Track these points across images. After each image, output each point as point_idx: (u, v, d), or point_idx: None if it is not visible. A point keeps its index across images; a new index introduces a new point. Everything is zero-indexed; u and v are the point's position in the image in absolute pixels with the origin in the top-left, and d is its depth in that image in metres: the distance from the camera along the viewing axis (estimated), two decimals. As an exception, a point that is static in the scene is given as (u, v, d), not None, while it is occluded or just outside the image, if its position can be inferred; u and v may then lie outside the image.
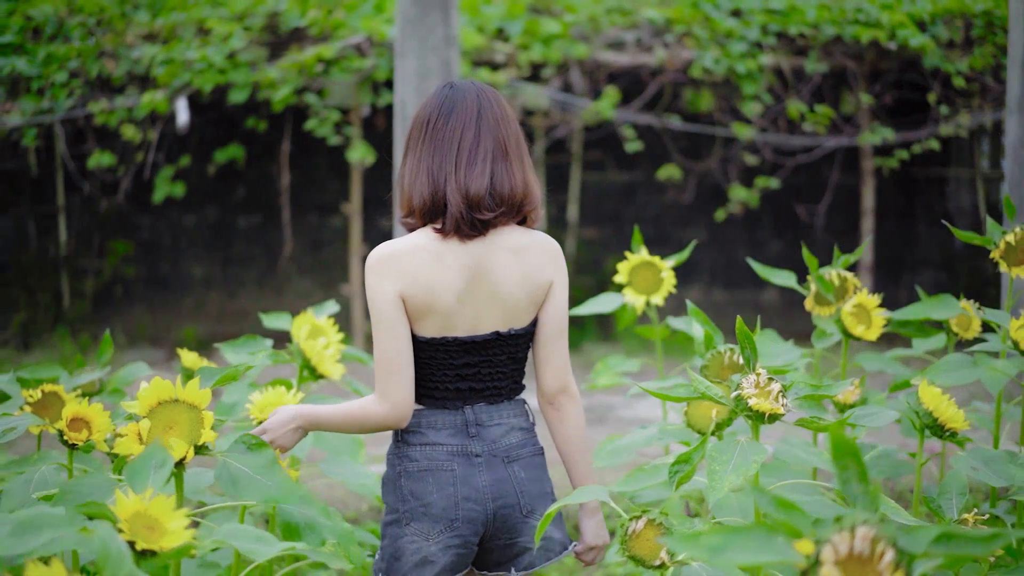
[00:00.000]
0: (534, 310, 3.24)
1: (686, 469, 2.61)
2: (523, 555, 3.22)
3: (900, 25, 10.53)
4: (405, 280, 3.10)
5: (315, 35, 10.36)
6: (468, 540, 3.14)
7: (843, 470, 1.84)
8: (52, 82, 10.31)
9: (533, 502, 3.20)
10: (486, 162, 3.14)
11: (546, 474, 3.30)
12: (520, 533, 3.19)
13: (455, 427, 3.18)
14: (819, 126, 10.80)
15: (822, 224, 11.83)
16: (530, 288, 3.19)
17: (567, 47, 10.53)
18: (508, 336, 3.20)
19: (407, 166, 3.20)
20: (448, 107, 3.20)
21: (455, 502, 3.12)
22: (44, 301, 11.66)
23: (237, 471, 2.39)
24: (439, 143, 3.16)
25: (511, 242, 3.19)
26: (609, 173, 12.32)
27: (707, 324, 3.64)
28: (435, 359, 3.17)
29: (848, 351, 4.18)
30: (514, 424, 3.25)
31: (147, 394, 2.46)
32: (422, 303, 3.10)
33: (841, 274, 4.28)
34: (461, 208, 3.10)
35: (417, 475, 3.14)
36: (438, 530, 3.11)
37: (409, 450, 3.18)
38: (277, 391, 3.68)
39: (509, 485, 3.17)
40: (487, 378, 3.21)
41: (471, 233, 3.12)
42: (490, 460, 3.17)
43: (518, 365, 3.28)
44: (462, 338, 3.15)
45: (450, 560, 3.13)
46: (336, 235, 12.10)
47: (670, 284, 4.46)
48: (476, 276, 3.14)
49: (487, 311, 3.16)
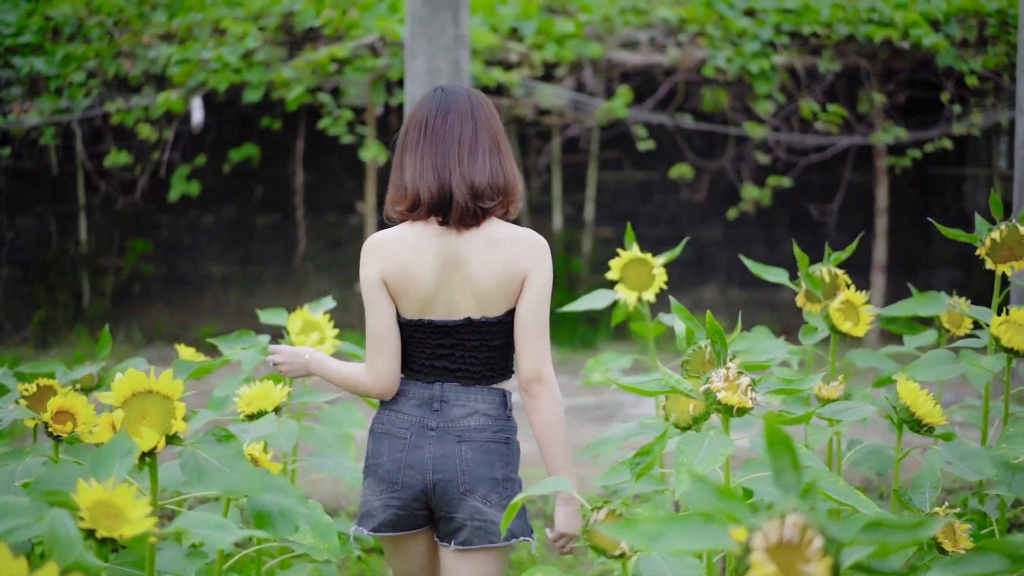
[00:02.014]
0: (509, 301, 3.39)
1: (646, 461, 2.65)
2: (460, 531, 3.38)
3: (913, 24, 10.50)
4: (386, 265, 3.36)
5: (329, 35, 10.42)
6: (408, 504, 3.39)
7: (776, 459, 1.87)
8: (70, 82, 10.39)
9: (474, 482, 3.35)
10: (485, 155, 3.39)
11: (502, 460, 3.42)
12: (456, 509, 3.36)
13: (422, 400, 3.42)
14: (832, 125, 10.80)
15: (835, 223, 11.82)
16: (502, 279, 3.36)
17: (581, 47, 10.56)
18: (480, 323, 3.38)
19: (408, 164, 3.40)
20: (444, 107, 3.43)
21: (399, 467, 3.38)
22: (64, 299, 11.76)
23: (203, 461, 2.44)
24: (440, 140, 3.38)
25: (489, 234, 3.38)
26: (626, 172, 12.33)
27: (689, 320, 3.67)
28: (414, 338, 3.42)
29: (843, 348, 4.20)
30: (480, 409, 3.42)
31: (121, 385, 2.51)
32: (401, 287, 3.36)
33: (832, 271, 4.29)
34: (467, 199, 3.32)
35: (378, 436, 3.44)
36: (381, 488, 3.39)
37: (381, 414, 3.48)
38: (266, 385, 3.73)
39: (452, 462, 3.36)
40: (460, 360, 3.42)
41: (472, 222, 3.35)
42: (442, 436, 3.38)
43: (494, 353, 3.44)
44: (437, 321, 3.38)
45: (388, 517, 3.40)
46: (353, 233, 12.14)
47: (661, 280, 4.49)
48: (451, 265, 3.35)
49: (461, 298, 3.37)
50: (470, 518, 3.36)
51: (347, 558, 5.44)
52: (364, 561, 5.58)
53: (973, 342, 3.94)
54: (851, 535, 1.78)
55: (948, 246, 12.26)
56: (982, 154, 11.94)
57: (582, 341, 11.24)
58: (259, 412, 3.64)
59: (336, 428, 4.01)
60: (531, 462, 4.43)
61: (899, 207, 11.81)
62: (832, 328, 4.10)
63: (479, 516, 3.36)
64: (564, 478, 2.68)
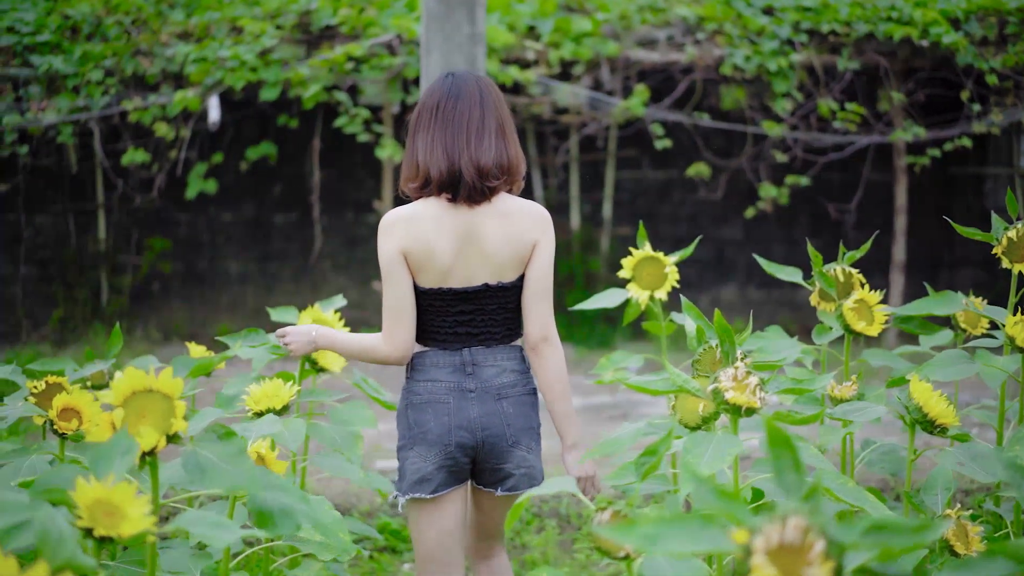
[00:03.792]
0: (520, 267, 3.73)
1: (651, 461, 2.61)
2: (508, 479, 3.75)
3: (933, 22, 10.44)
4: (406, 240, 3.65)
5: (346, 33, 10.40)
6: (459, 461, 3.70)
7: (777, 459, 1.84)
8: (88, 80, 10.39)
9: (518, 434, 3.73)
10: (491, 138, 3.69)
11: (534, 411, 3.83)
12: (505, 460, 3.73)
13: (454, 366, 3.72)
14: (850, 124, 10.73)
15: (854, 222, 11.76)
16: (515, 247, 3.70)
17: (598, 45, 10.52)
18: (497, 288, 3.71)
19: (420, 144, 3.71)
20: (455, 92, 3.73)
21: (449, 429, 3.68)
22: (82, 297, 11.77)
23: (204, 459, 2.41)
24: (450, 123, 3.69)
25: (500, 208, 3.71)
26: (644, 171, 12.29)
27: (700, 318, 3.64)
28: (434, 307, 3.71)
29: (858, 348, 4.16)
30: (507, 366, 3.77)
31: (121, 384, 2.48)
32: (421, 259, 3.65)
33: (846, 270, 4.24)
34: (474, 177, 3.63)
35: (420, 406, 3.72)
36: (434, 453, 3.67)
37: (415, 385, 3.75)
38: (275, 383, 3.72)
39: (498, 418, 3.71)
40: (481, 324, 3.73)
41: (480, 199, 3.66)
42: (482, 396, 3.71)
43: (510, 314, 3.78)
44: (456, 288, 3.69)
45: (443, 477, 3.69)
46: (371, 232, 12.10)
47: (674, 279, 4.44)
48: (467, 236, 3.66)
49: (478, 266, 3.68)
50: (517, 467, 3.74)
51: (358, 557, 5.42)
52: (376, 560, 5.56)
53: (989, 342, 3.90)
54: (854, 538, 1.74)
55: (970, 246, 12.18)
56: (1003, 153, 11.86)
57: (599, 341, 11.20)
58: (267, 410, 3.64)
59: (345, 427, 3.98)
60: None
61: (919, 206, 11.73)
62: (846, 327, 4.05)
63: (525, 464, 3.75)
64: (569, 479, 2.66)
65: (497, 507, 3.86)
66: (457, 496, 3.77)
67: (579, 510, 6.05)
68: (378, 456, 7.05)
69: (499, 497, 3.80)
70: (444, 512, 3.75)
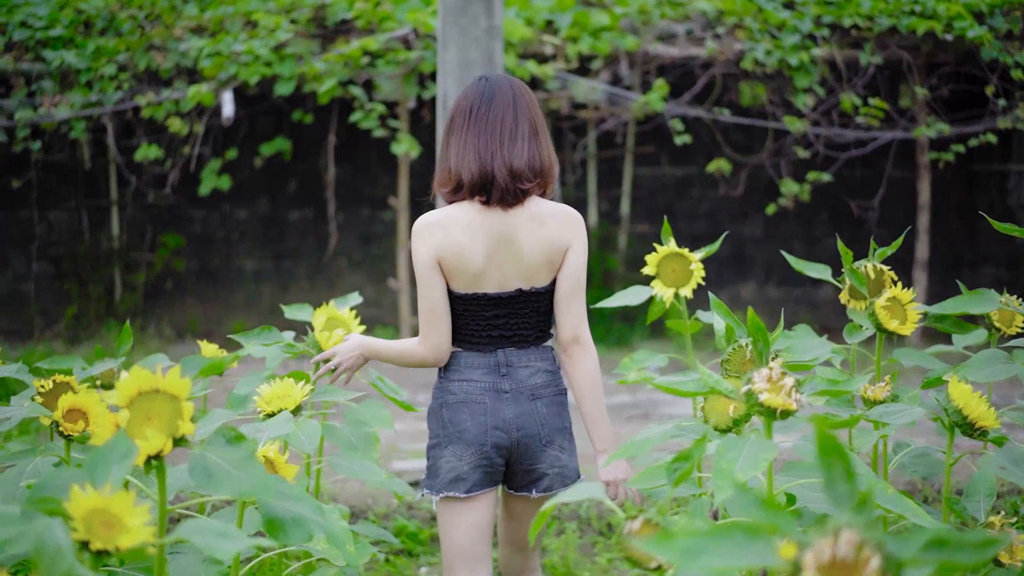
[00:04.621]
0: (553, 271, 3.77)
1: (684, 467, 2.49)
2: (542, 479, 3.80)
3: (957, 16, 10.31)
4: (439, 245, 3.69)
5: (361, 27, 10.30)
6: (494, 461, 3.74)
7: (828, 470, 1.71)
8: (101, 75, 10.31)
9: (552, 434, 3.78)
10: (524, 141, 3.73)
11: (566, 411, 3.87)
12: (539, 460, 3.78)
13: (488, 367, 3.77)
14: (873, 120, 10.58)
15: (876, 219, 11.61)
16: (548, 252, 3.73)
17: (617, 39, 10.40)
18: (530, 293, 3.76)
19: (453, 148, 3.76)
20: (488, 96, 3.77)
21: (485, 429, 3.73)
22: (95, 294, 11.69)
23: (213, 464, 2.29)
24: (483, 127, 3.72)
25: (533, 211, 3.73)
26: (662, 167, 12.17)
27: (729, 316, 3.53)
28: (469, 311, 3.75)
29: (888, 347, 4.02)
30: (540, 367, 3.82)
31: (126, 384, 2.36)
32: (454, 264, 3.69)
33: (877, 267, 4.12)
34: (507, 180, 3.67)
35: (455, 406, 3.76)
36: (470, 452, 3.72)
37: (450, 385, 3.79)
38: (286, 383, 3.60)
39: (532, 418, 3.76)
40: (514, 327, 3.78)
41: (513, 202, 3.69)
42: (517, 396, 3.76)
43: (542, 317, 3.83)
44: (490, 294, 3.73)
45: (479, 477, 3.74)
46: (387, 229, 12.03)
47: (699, 276, 4.32)
48: (501, 241, 3.70)
49: (511, 271, 3.72)
50: (551, 466, 3.79)
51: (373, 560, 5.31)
52: (392, 563, 5.45)
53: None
54: (912, 553, 1.62)
55: (993, 243, 12.05)
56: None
57: (618, 339, 11.08)
58: (279, 411, 3.51)
59: (361, 427, 3.88)
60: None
61: (942, 203, 11.60)
62: (878, 326, 3.92)
63: (558, 463, 3.80)
64: (597, 484, 2.54)
65: (529, 511, 3.89)
66: (489, 497, 3.81)
67: (600, 512, 5.93)
68: (395, 457, 6.94)
69: (534, 500, 3.84)
70: (476, 512, 3.79)
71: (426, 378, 9.56)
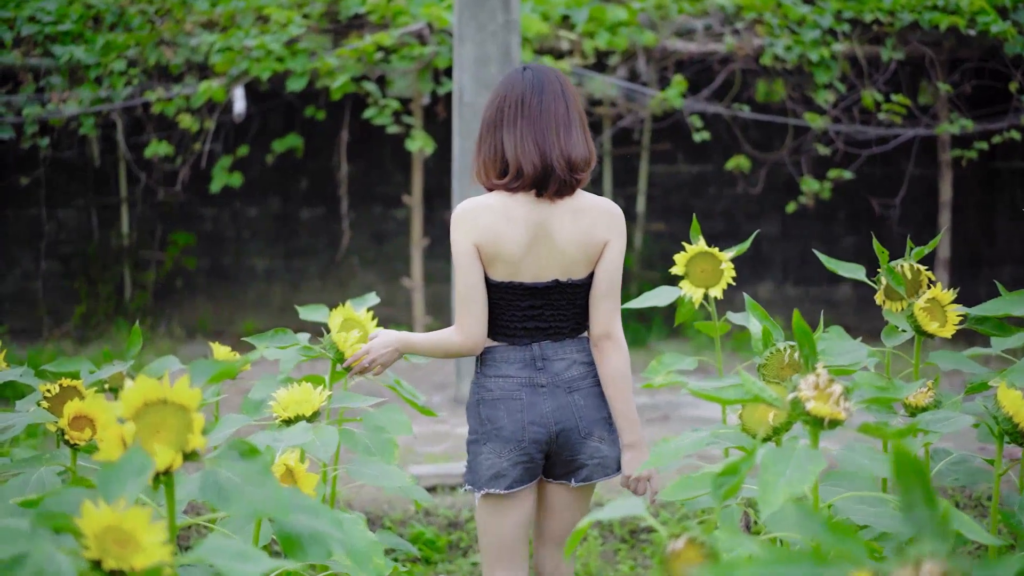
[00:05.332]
0: (590, 265, 3.77)
1: (732, 482, 2.33)
2: (581, 469, 3.80)
3: (980, 11, 10.15)
4: (479, 232, 3.68)
5: (375, 22, 10.16)
6: (534, 456, 3.75)
7: (906, 493, 1.56)
8: (110, 71, 10.18)
9: (590, 426, 3.78)
10: (577, 131, 3.75)
11: (604, 401, 3.83)
12: (579, 452, 3.78)
13: (524, 361, 3.77)
14: (894, 116, 10.41)
15: (897, 217, 11.44)
16: (585, 245, 3.73)
17: (634, 35, 10.25)
18: (567, 284, 3.75)
19: (507, 139, 3.72)
20: (538, 86, 3.75)
21: (523, 426, 3.72)
22: (105, 293, 11.58)
23: (225, 480, 2.14)
24: (538, 118, 3.71)
25: (574, 203, 3.74)
26: (678, 165, 12.03)
27: (765, 319, 3.38)
28: (505, 300, 3.75)
29: (921, 349, 3.87)
30: (576, 359, 3.81)
31: (132, 394, 2.19)
32: (492, 252, 3.69)
33: (914, 267, 3.97)
34: (565, 171, 3.68)
35: (492, 402, 3.76)
36: (508, 449, 3.72)
37: (486, 381, 3.79)
38: (304, 388, 3.45)
39: (569, 411, 3.75)
40: (550, 319, 3.77)
41: (566, 193, 3.71)
42: (553, 390, 3.75)
43: (578, 309, 3.82)
44: (527, 283, 3.73)
45: (519, 473, 3.75)
46: (400, 227, 11.93)
47: (729, 276, 4.18)
48: (538, 231, 3.71)
49: (548, 262, 3.72)
50: (591, 457, 3.78)
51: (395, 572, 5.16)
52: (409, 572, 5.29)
53: (1071, 344, 3.62)
54: (1001, 586, 1.46)
55: (1012, 242, 11.89)
56: (1051, 147, 11.56)
57: (634, 340, 10.90)
58: (296, 417, 3.37)
59: (380, 433, 3.73)
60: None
61: (962, 201, 11.43)
62: (917, 328, 3.77)
63: (598, 454, 3.79)
64: (636, 500, 2.39)
65: (571, 503, 3.88)
66: (530, 492, 3.82)
67: (622, 519, 5.78)
68: (411, 460, 6.79)
69: (574, 490, 3.85)
70: (517, 507, 3.81)
71: (443, 378, 9.42)
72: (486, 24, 7.54)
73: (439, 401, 8.61)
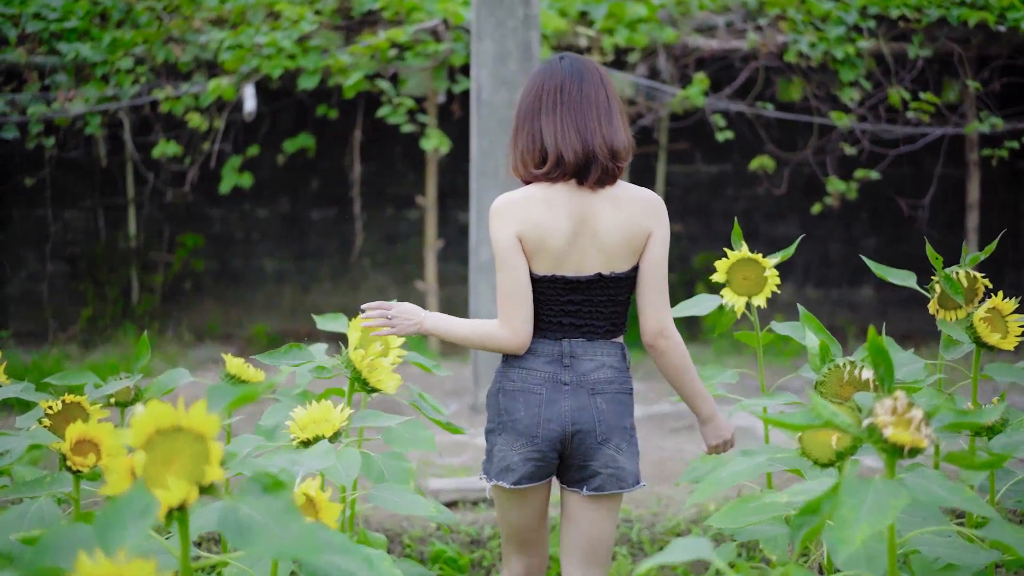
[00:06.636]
0: (634, 257, 3.69)
1: (813, 523, 2.08)
2: (594, 478, 3.69)
3: (1010, 7, 9.96)
4: (521, 224, 3.62)
5: (389, 19, 9.97)
6: (547, 455, 3.66)
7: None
8: (117, 68, 9.99)
9: (609, 432, 3.67)
10: (618, 119, 3.69)
11: (628, 411, 3.75)
12: (593, 458, 3.67)
13: (551, 356, 3.68)
14: (922, 114, 10.17)
15: (925, 218, 11.18)
16: (628, 236, 3.65)
17: (654, 31, 10.03)
18: (610, 278, 3.67)
19: (547, 127, 3.65)
20: (577, 74, 3.67)
21: (538, 421, 3.64)
22: (112, 296, 11.41)
23: (246, 517, 1.90)
24: (578, 106, 3.64)
25: (616, 193, 3.68)
26: (696, 164, 11.80)
27: (822, 332, 3.15)
28: (544, 294, 3.68)
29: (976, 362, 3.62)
30: (606, 361, 3.71)
31: (142, 422, 1.95)
32: (536, 244, 3.62)
33: (970, 274, 3.74)
34: (607, 160, 3.62)
35: (511, 394, 3.69)
36: (521, 443, 3.66)
37: (509, 371, 3.71)
38: (323, 406, 3.20)
39: (589, 413, 3.66)
40: (587, 316, 3.69)
41: (608, 182, 3.65)
42: (576, 389, 3.66)
43: (617, 308, 3.73)
44: (569, 277, 3.65)
45: (528, 470, 3.67)
46: (413, 228, 11.75)
47: (774, 284, 3.94)
48: (581, 222, 3.63)
49: (590, 254, 3.65)
50: (605, 466, 3.67)
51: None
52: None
53: None
54: None
55: (1040, 244, 11.69)
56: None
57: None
58: (316, 438, 3.12)
59: (397, 461, 3.51)
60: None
61: (988, 202, 11.20)
62: (976, 340, 3.53)
63: (613, 464, 3.68)
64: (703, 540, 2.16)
65: (587, 514, 3.76)
66: (540, 490, 3.76)
67: (652, 536, 5.54)
68: (429, 472, 6.55)
69: (586, 498, 3.73)
70: (525, 504, 3.77)
71: (457, 385, 9.18)
72: (505, 20, 7.32)
73: (456, 409, 8.37)
